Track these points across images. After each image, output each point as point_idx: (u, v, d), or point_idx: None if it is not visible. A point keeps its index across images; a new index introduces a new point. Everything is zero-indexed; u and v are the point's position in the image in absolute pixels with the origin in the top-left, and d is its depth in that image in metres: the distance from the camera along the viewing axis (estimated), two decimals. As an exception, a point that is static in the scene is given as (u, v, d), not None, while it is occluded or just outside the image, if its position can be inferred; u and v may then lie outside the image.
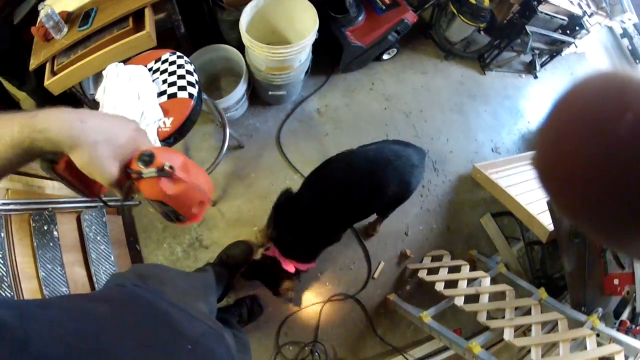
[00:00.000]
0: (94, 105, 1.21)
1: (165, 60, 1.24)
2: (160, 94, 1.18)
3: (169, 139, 1.18)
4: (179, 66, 1.21)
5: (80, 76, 1.42)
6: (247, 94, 1.74)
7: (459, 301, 1.48)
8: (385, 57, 2.05)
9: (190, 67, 1.21)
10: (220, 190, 1.73)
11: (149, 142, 0.53)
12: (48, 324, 0.39)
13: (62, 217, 1.40)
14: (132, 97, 1.18)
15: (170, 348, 0.53)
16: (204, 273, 1.30)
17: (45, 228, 1.29)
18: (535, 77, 2.29)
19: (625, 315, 1.49)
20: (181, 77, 1.19)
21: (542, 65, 2.27)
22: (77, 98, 1.61)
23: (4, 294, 1.07)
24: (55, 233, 1.31)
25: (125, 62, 1.23)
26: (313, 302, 1.65)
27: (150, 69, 1.24)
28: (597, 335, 1.30)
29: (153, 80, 1.21)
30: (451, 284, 1.58)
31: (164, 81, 1.20)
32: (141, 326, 0.52)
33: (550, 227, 1.54)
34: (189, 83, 1.18)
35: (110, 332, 0.46)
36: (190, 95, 1.17)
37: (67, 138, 0.43)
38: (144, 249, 1.70)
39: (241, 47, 1.57)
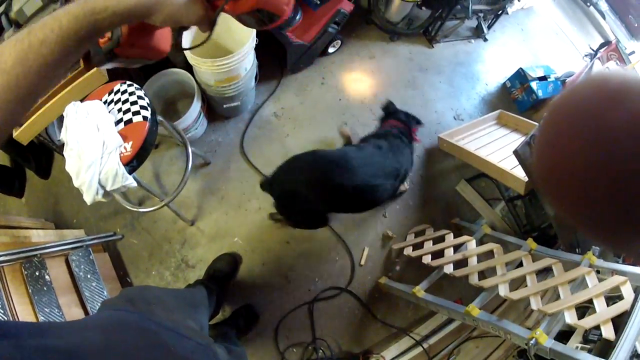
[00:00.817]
0: (62, 148, 1.30)
1: (118, 91, 1.34)
2: (118, 122, 1.28)
3: (132, 162, 1.28)
4: (130, 93, 1.31)
5: (45, 122, 1.53)
6: (204, 112, 1.84)
7: (448, 269, 1.54)
8: (331, 50, 2.15)
9: (141, 92, 1.31)
10: (195, 208, 1.82)
11: None
12: (42, 353, 0.41)
13: (52, 261, 1.49)
14: (92, 130, 1.28)
15: None
16: (193, 290, 1.34)
17: (37, 274, 1.37)
18: (485, 39, 2.38)
19: (628, 251, 1.50)
20: (134, 103, 1.29)
21: (489, 27, 2.36)
22: (47, 147, 1.71)
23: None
24: (47, 277, 1.39)
25: (83, 100, 1.33)
26: (305, 301, 1.72)
27: (105, 102, 1.34)
28: (597, 272, 1.32)
29: (109, 111, 1.31)
30: (439, 255, 1.63)
31: (119, 110, 1.30)
32: (133, 350, 0.54)
33: (526, 179, 1.56)
34: (142, 107, 1.28)
35: (103, 356, 0.48)
36: (145, 117, 1.26)
37: (138, 3, 0.43)
38: (134, 280, 1.78)
39: (189, 68, 1.67)
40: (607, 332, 1.06)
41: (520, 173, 1.61)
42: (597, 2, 2.83)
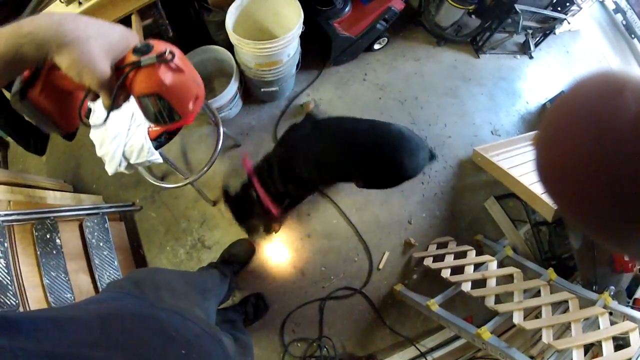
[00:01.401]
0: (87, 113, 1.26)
1: (154, 58, 1.28)
2: (150, 94, 1.22)
3: (160, 138, 1.24)
4: (169, 64, 1.25)
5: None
6: (240, 93, 1.80)
7: (466, 287, 1.50)
8: (376, 47, 2.10)
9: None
10: (218, 189, 1.79)
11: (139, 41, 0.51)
12: (36, 342, 0.40)
13: (65, 225, 1.46)
14: None
15: (162, 356, 0.54)
16: (205, 274, 1.32)
17: (48, 237, 1.35)
18: (530, 57, 2.32)
19: (638, 293, 1.49)
20: (170, 75, 1.23)
21: (536, 45, 2.30)
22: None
23: (9, 303, 1.12)
24: (58, 241, 1.37)
25: None
26: (318, 298, 1.69)
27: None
28: (610, 313, 1.31)
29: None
30: (458, 270, 1.60)
31: (153, 81, 1.24)
32: (131, 338, 0.53)
33: (555, 206, 1.54)
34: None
35: (100, 346, 0.47)
36: (180, 93, 1.21)
37: (57, 35, 0.41)
38: (147, 254, 1.75)
39: (230, 47, 1.63)
40: None
41: (550, 199, 1.59)
42: (641, 35, 2.77)
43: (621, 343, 1.23)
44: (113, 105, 0.49)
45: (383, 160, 1.26)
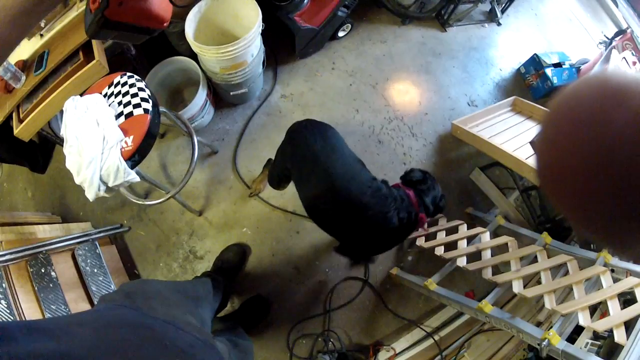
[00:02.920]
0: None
1: (118, 83, 1.28)
2: (118, 115, 1.22)
3: (134, 157, 1.22)
4: (131, 85, 1.25)
5: (46, 117, 1.49)
6: (210, 99, 1.78)
7: (462, 262, 1.49)
8: (340, 34, 2.08)
9: (142, 84, 1.25)
10: (202, 199, 1.77)
11: None
12: (32, 351, 0.40)
13: (58, 257, 1.47)
14: (92, 125, 1.23)
15: None
16: (196, 282, 1.31)
17: (43, 271, 1.35)
18: (499, 24, 2.29)
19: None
20: (134, 95, 1.23)
21: (502, 11, 2.28)
22: (51, 141, 1.66)
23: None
24: (53, 274, 1.37)
25: (83, 94, 1.28)
26: (318, 291, 1.68)
27: (105, 95, 1.28)
28: (612, 271, 1.28)
29: (109, 105, 1.25)
30: (452, 246, 1.58)
31: (119, 103, 1.24)
32: (125, 346, 0.53)
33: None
34: (142, 99, 1.22)
35: (95, 356, 0.47)
36: (146, 110, 1.20)
37: None
38: (142, 272, 1.74)
39: (194, 55, 1.61)
40: (619, 336, 1.03)
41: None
42: (611, -10, 2.74)
43: (629, 298, 1.21)
44: None
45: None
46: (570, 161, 0.29)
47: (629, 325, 1.06)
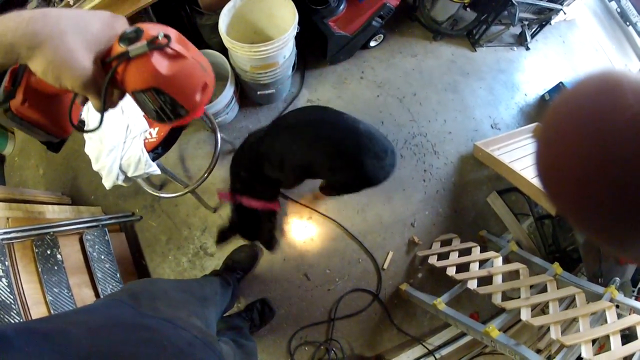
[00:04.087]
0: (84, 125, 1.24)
1: (147, 70, 1.25)
2: (145, 104, 1.19)
3: (157, 149, 1.20)
4: (161, 74, 1.22)
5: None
6: (236, 97, 1.76)
7: (472, 284, 1.49)
8: (372, 44, 2.06)
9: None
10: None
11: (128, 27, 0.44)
12: (27, 356, 0.40)
13: (65, 239, 1.43)
14: (117, 112, 1.20)
15: None
16: (204, 282, 1.29)
17: (49, 252, 1.32)
18: (527, 48, 2.29)
19: (643, 284, 1.49)
20: (165, 84, 1.20)
21: (532, 36, 2.27)
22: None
23: (13, 322, 1.10)
24: (58, 256, 1.34)
25: None
26: (325, 299, 1.67)
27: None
28: (617, 306, 1.29)
29: (137, 92, 1.22)
30: (463, 267, 1.57)
31: (148, 91, 1.21)
32: (122, 347, 0.52)
33: (556, 207, 1.54)
34: (173, 90, 1.19)
35: (90, 357, 0.46)
36: (175, 102, 1.17)
37: (25, 36, 0.36)
38: (149, 263, 1.72)
39: (224, 50, 1.59)
40: None
41: (551, 201, 1.59)
42: (637, 23, 2.77)
43: (627, 333, 1.22)
44: (104, 106, 0.42)
45: (345, 159, 1.12)
46: (570, 162, 0.29)
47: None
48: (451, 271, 1.57)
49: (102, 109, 0.42)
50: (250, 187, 1.29)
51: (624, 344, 1.14)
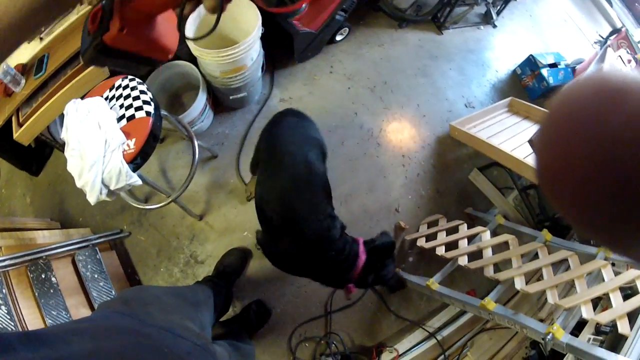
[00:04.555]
0: (65, 147, 1.26)
1: (119, 86, 1.28)
2: (120, 118, 1.22)
3: (136, 160, 1.22)
4: (132, 88, 1.25)
5: (46, 121, 1.49)
6: (210, 104, 1.79)
7: (463, 261, 1.49)
8: (338, 38, 2.09)
9: (143, 87, 1.25)
10: (203, 203, 1.77)
11: None
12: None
13: (58, 262, 1.45)
14: (94, 128, 1.22)
15: None
16: (195, 287, 1.30)
17: (43, 276, 1.33)
18: (494, 26, 2.32)
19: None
20: (136, 98, 1.23)
21: (498, 13, 2.31)
22: (50, 145, 1.66)
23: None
24: (53, 279, 1.35)
25: (83, 97, 1.28)
26: (319, 293, 1.68)
27: (106, 98, 1.28)
28: (613, 264, 1.29)
29: (111, 108, 1.25)
30: (452, 245, 1.59)
31: (121, 106, 1.24)
32: (124, 353, 0.53)
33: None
34: (144, 102, 1.22)
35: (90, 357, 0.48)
36: (148, 113, 1.20)
37: None
38: (143, 277, 1.73)
39: (194, 59, 1.62)
40: (623, 327, 1.04)
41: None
42: (606, -12, 2.79)
43: (629, 292, 1.21)
44: (221, 10, 0.41)
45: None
46: (569, 162, 0.29)
47: (631, 318, 1.07)
48: (440, 250, 1.58)
49: (220, 7, 0.42)
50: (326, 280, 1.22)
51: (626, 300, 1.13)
